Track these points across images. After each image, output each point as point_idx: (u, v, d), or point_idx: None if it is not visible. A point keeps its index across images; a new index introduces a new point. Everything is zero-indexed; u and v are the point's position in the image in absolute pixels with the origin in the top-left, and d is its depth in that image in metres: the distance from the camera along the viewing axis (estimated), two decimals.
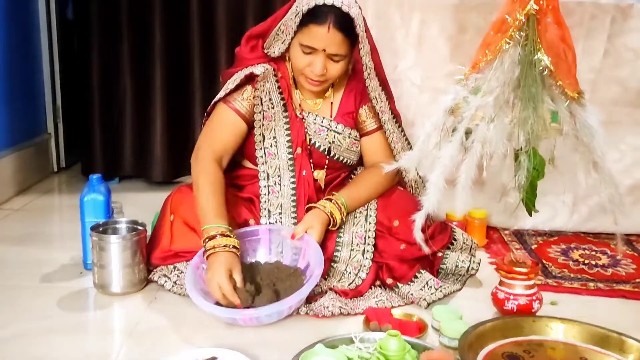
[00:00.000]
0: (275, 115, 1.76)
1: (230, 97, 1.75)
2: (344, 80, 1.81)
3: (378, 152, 1.83)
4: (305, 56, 1.65)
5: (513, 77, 1.29)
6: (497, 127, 1.27)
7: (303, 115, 1.78)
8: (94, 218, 1.73)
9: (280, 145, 1.76)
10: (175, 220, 1.70)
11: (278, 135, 1.76)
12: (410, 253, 1.72)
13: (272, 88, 1.76)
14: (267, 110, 1.76)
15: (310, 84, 1.70)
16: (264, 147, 1.76)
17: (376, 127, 1.82)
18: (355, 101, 1.81)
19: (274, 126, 1.76)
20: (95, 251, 1.63)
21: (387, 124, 1.79)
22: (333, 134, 1.79)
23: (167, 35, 2.65)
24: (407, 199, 1.80)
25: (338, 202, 1.70)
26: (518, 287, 1.52)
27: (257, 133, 1.76)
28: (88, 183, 1.76)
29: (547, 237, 2.19)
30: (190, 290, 1.47)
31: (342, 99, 1.81)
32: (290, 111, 1.77)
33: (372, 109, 1.81)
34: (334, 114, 1.80)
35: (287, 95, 1.77)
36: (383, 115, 1.78)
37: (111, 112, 2.75)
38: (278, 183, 1.75)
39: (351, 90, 1.81)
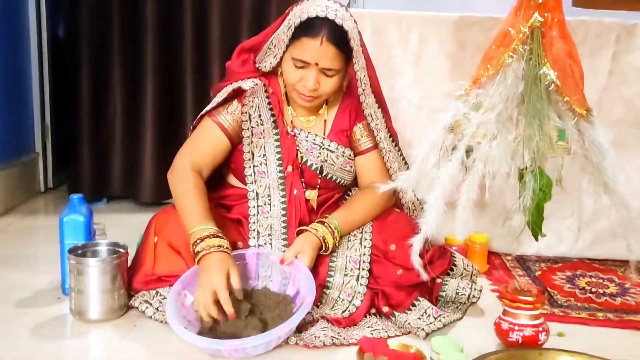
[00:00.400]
0: (265, 132, 1.68)
1: (215, 111, 1.69)
2: (339, 97, 1.74)
3: (373, 172, 1.75)
4: (298, 70, 1.58)
5: (517, 92, 1.21)
6: (500, 145, 1.18)
7: (295, 132, 1.71)
8: (73, 240, 1.64)
9: (270, 163, 1.68)
10: (159, 242, 1.61)
11: (268, 153, 1.68)
12: (408, 279, 1.63)
13: (262, 104, 1.68)
14: (256, 127, 1.68)
15: (303, 100, 1.62)
16: (253, 165, 1.68)
17: (371, 146, 1.74)
18: (350, 119, 1.74)
19: (263, 143, 1.68)
20: (72, 275, 1.53)
21: (382, 143, 1.72)
22: (326, 152, 1.71)
23: (159, 53, 2.60)
24: (404, 221, 1.71)
25: (331, 226, 1.61)
26: (523, 317, 1.42)
27: (246, 150, 1.68)
28: (69, 203, 1.68)
29: (552, 264, 2.09)
30: (171, 318, 1.37)
31: (336, 116, 1.74)
32: (281, 127, 1.69)
33: (367, 127, 1.73)
34: (327, 131, 1.73)
35: (277, 111, 1.70)
36: (379, 133, 1.71)
37: (101, 131, 2.69)
38: (268, 203, 1.67)
39: (346, 108, 1.74)
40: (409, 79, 2.11)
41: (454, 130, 1.31)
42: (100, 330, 1.51)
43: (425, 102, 2.11)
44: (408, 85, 2.11)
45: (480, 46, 2.06)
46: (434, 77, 2.09)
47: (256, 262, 1.60)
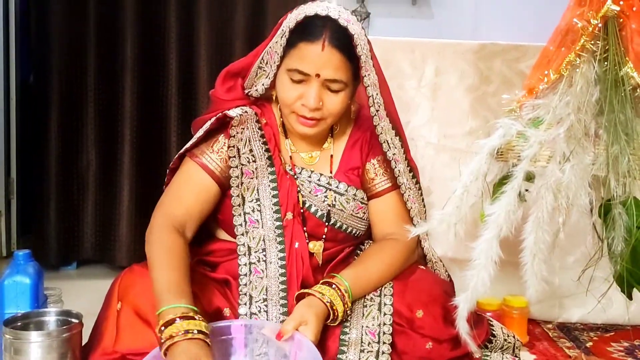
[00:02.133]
0: (257, 170, 1.37)
1: (198, 150, 1.38)
2: (347, 127, 1.45)
3: (392, 218, 1.43)
4: (295, 86, 1.30)
5: (591, 100, 0.93)
6: (575, 169, 0.88)
7: (295, 171, 1.40)
8: (16, 309, 1.29)
9: (265, 210, 1.36)
10: (123, 309, 1.26)
11: (262, 197, 1.36)
12: (439, 354, 1.30)
13: (254, 136, 1.38)
14: (247, 165, 1.37)
15: (303, 124, 1.32)
16: (243, 212, 1.36)
17: (389, 186, 1.43)
18: (362, 154, 1.44)
19: (256, 185, 1.37)
20: (8, 355, 1.18)
21: (402, 177, 1.40)
22: (333, 195, 1.40)
23: (138, 98, 2.33)
24: (431, 280, 1.40)
25: (340, 288, 1.28)
26: None
27: (235, 194, 1.36)
28: (12, 262, 1.34)
29: (602, 332, 1.76)
30: None
31: (344, 152, 1.44)
32: (278, 166, 1.38)
33: (382, 164, 1.43)
34: (334, 169, 1.42)
35: (273, 146, 1.40)
36: (397, 165, 1.39)
37: (71, 186, 2.38)
38: (263, 259, 1.33)
39: (357, 141, 1.44)
40: (425, 116, 1.84)
41: (503, 155, 1.02)
42: None
43: (445, 142, 1.83)
44: (424, 123, 1.84)
45: (506, 79, 1.82)
46: (453, 113, 1.83)
47: (245, 336, 1.24)
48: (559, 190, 0.89)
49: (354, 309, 1.33)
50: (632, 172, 0.86)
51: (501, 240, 0.99)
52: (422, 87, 1.82)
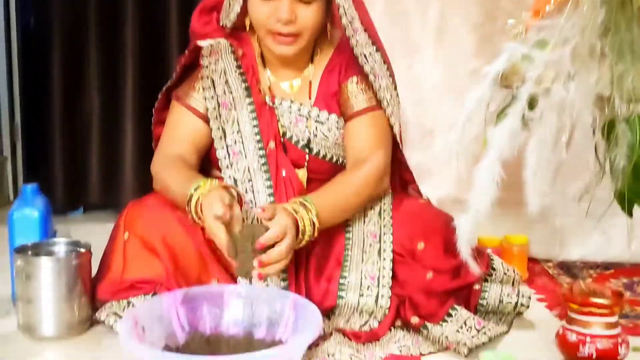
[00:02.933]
0: (235, 101, 1.36)
1: (182, 92, 1.39)
2: (328, 53, 1.42)
3: (364, 142, 1.36)
4: (266, 3, 1.28)
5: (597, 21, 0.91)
6: (580, 88, 0.88)
7: (274, 102, 1.39)
8: (25, 241, 1.32)
9: (247, 141, 1.35)
10: (130, 239, 1.28)
11: (243, 129, 1.35)
12: (440, 284, 1.32)
13: (230, 67, 1.37)
14: (223, 96, 1.36)
15: (281, 43, 1.30)
16: (226, 145, 1.35)
17: (363, 108, 1.37)
18: (339, 76, 1.39)
19: (236, 116, 1.36)
20: (20, 281, 1.22)
21: (384, 92, 1.34)
22: (314, 124, 1.38)
23: (141, 40, 2.32)
24: (433, 213, 1.40)
25: (311, 210, 1.20)
26: (596, 325, 1.11)
27: (214, 127, 1.35)
28: (20, 194, 1.36)
29: (602, 270, 1.78)
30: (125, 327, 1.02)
31: (322, 76, 1.40)
32: (256, 96, 1.37)
33: (359, 85, 1.38)
34: (313, 96, 1.40)
35: (250, 76, 1.38)
36: (378, 80, 1.34)
37: (76, 131, 2.40)
38: (250, 190, 1.33)
39: (334, 66, 1.40)
40: (430, 57, 1.83)
41: (508, 80, 1.01)
42: (55, 352, 1.19)
43: (450, 84, 1.82)
44: (429, 64, 1.83)
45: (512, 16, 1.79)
46: (458, 53, 1.82)
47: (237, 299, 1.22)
48: (562, 110, 0.89)
49: (353, 254, 1.33)
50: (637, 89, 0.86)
51: (503, 180, 1.00)
52: (427, 26, 1.81)
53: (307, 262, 1.32)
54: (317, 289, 1.30)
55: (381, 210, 1.39)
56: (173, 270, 1.26)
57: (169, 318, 1.16)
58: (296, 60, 1.38)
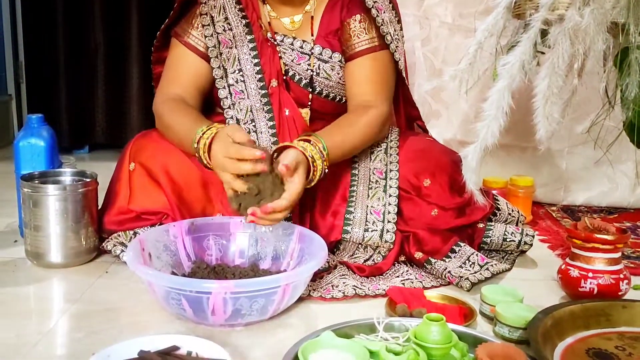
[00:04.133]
0: (235, 39, 1.33)
1: (180, 29, 1.36)
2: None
3: (367, 84, 1.33)
4: None
5: None
6: (595, 13, 0.86)
7: (275, 38, 1.35)
8: (32, 170, 1.32)
9: (249, 79, 1.33)
10: (136, 170, 1.29)
11: (244, 67, 1.33)
12: (444, 221, 1.32)
13: (229, 4, 1.34)
14: (223, 33, 1.33)
15: None
16: (227, 84, 1.33)
17: (366, 48, 1.33)
18: (341, 13, 1.35)
19: (236, 54, 1.33)
20: (27, 208, 1.22)
21: (387, 26, 1.30)
22: (317, 62, 1.35)
23: None
24: (440, 150, 1.40)
25: (318, 145, 1.17)
26: (599, 261, 1.11)
27: (215, 66, 1.33)
28: (25, 124, 1.36)
29: (605, 214, 1.79)
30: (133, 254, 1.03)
31: (324, 13, 1.36)
32: (257, 33, 1.34)
33: (361, 24, 1.34)
34: (315, 33, 1.36)
35: (250, 12, 1.35)
36: (380, 14, 1.30)
37: (80, 71, 2.38)
38: (253, 130, 1.32)
39: (337, 1, 1.36)
40: None
41: (521, 7, 0.99)
42: (62, 277, 1.21)
43: (460, 22, 1.78)
44: (439, 1, 1.78)
45: None
46: None
47: (243, 233, 1.23)
48: (576, 36, 0.87)
49: (359, 190, 1.33)
50: None
51: (510, 124, 0.98)
52: None
53: (313, 197, 1.32)
54: (322, 224, 1.31)
55: (387, 147, 1.38)
56: (177, 203, 1.27)
57: (176, 247, 1.17)
58: None
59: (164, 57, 1.41)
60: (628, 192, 1.81)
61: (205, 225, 1.22)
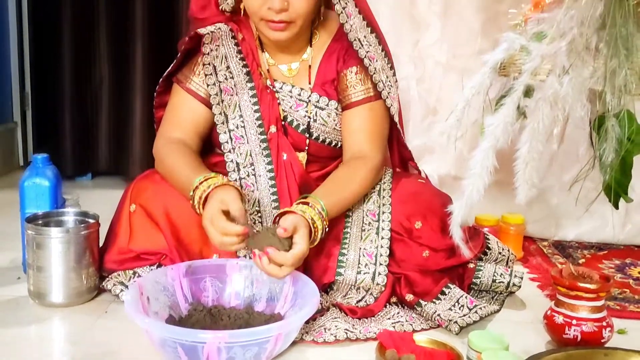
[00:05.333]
0: (237, 86, 1.39)
1: (182, 76, 1.42)
2: (327, 38, 1.43)
3: (362, 134, 1.39)
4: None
5: (594, 14, 0.93)
6: (574, 82, 0.90)
7: (274, 85, 1.41)
8: (35, 209, 1.36)
9: (249, 125, 1.38)
10: (137, 211, 1.34)
11: (244, 113, 1.38)
12: (435, 262, 1.37)
13: (230, 53, 1.40)
14: (225, 81, 1.39)
15: (274, 29, 1.31)
16: (228, 129, 1.38)
17: (362, 98, 1.39)
18: (337, 64, 1.41)
19: (237, 101, 1.38)
20: (31, 249, 1.27)
21: (379, 74, 1.35)
22: (314, 109, 1.40)
23: (150, 9, 2.32)
24: (431, 193, 1.44)
25: (317, 207, 1.23)
26: (583, 308, 1.15)
27: (217, 112, 1.38)
28: (31, 165, 1.40)
29: (595, 251, 1.82)
30: (131, 297, 1.08)
31: (321, 62, 1.42)
32: (257, 81, 1.39)
33: (358, 75, 1.39)
34: (312, 81, 1.42)
35: (251, 61, 1.40)
36: (373, 63, 1.34)
37: (85, 101, 2.44)
38: (252, 173, 1.37)
39: (333, 52, 1.42)
40: (436, 34, 1.83)
41: (506, 69, 1.04)
42: (64, 317, 1.25)
43: (454, 62, 1.83)
44: (434, 42, 1.83)
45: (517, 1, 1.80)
46: (464, 32, 1.82)
47: (239, 274, 1.27)
48: (556, 103, 0.91)
49: (352, 232, 1.36)
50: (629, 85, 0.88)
51: (501, 161, 1.03)
52: (434, 4, 1.80)
53: None
54: (316, 265, 1.35)
55: (380, 189, 1.43)
56: (175, 244, 1.31)
57: (173, 289, 1.21)
58: (293, 44, 1.39)
59: (166, 102, 1.46)
60: (618, 228, 1.85)
61: (202, 268, 1.26)
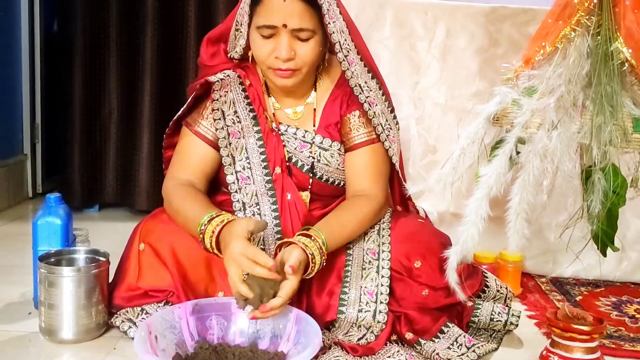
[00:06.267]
0: (243, 130, 1.45)
1: (191, 119, 1.48)
2: (331, 83, 1.50)
3: (364, 174, 1.46)
4: (266, 41, 1.36)
5: (581, 73, 1.00)
6: (562, 136, 0.96)
7: (280, 129, 1.47)
8: (48, 247, 1.41)
9: (255, 167, 1.44)
10: (145, 250, 1.38)
11: (251, 155, 1.44)
12: (435, 301, 1.40)
13: (238, 98, 1.46)
14: (233, 125, 1.45)
15: (281, 76, 1.38)
16: (235, 170, 1.44)
17: (364, 140, 1.46)
18: (341, 108, 1.48)
19: (244, 144, 1.45)
20: (43, 287, 1.31)
21: (379, 118, 1.42)
22: (318, 150, 1.47)
23: (159, 50, 2.40)
24: (430, 233, 1.48)
25: (318, 241, 1.28)
26: (577, 349, 1.19)
27: (224, 154, 1.45)
28: (44, 204, 1.46)
29: (592, 288, 1.85)
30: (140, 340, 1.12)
31: (325, 106, 1.48)
32: (263, 124, 1.46)
33: (360, 119, 1.46)
34: (317, 123, 1.48)
35: (257, 105, 1.47)
36: (373, 107, 1.42)
37: (94, 132, 2.49)
38: (257, 213, 1.42)
39: (337, 97, 1.49)
40: (435, 77, 1.89)
41: (499, 121, 1.09)
42: (74, 353, 1.29)
43: (452, 103, 1.89)
44: (433, 84, 1.90)
45: (514, 42, 1.87)
46: (462, 74, 1.88)
47: (243, 313, 1.29)
48: (545, 156, 0.97)
49: (353, 271, 1.40)
50: (614, 140, 0.93)
51: (497, 200, 1.08)
52: (433, 48, 1.87)
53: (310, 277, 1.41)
54: (318, 303, 1.39)
55: (380, 228, 1.47)
56: (182, 283, 1.36)
57: (180, 327, 1.25)
58: (298, 89, 1.46)
59: (174, 143, 1.52)
60: (614, 265, 1.88)
61: (208, 306, 1.30)
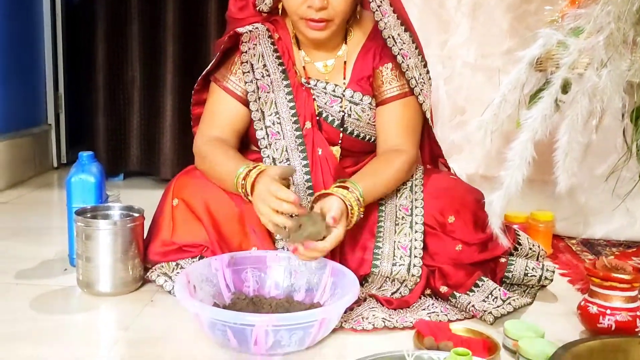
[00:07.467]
0: (273, 84, 1.43)
1: (220, 75, 1.46)
2: (362, 36, 1.47)
3: (397, 128, 1.43)
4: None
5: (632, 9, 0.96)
6: (612, 75, 0.93)
7: (310, 83, 1.45)
8: (82, 204, 1.42)
9: (285, 122, 1.42)
10: (179, 205, 1.38)
11: (280, 110, 1.43)
12: (468, 256, 1.39)
13: (267, 52, 1.44)
14: (262, 79, 1.43)
15: (313, 28, 1.35)
16: (264, 125, 1.43)
17: (396, 94, 1.43)
18: (373, 61, 1.45)
19: (274, 98, 1.43)
20: (80, 240, 1.32)
21: (412, 71, 1.39)
22: (349, 104, 1.44)
23: (181, 13, 2.39)
24: (464, 189, 1.47)
25: (355, 193, 1.28)
26: (617, 299, 1.17)
27: (254, 109, 1.43)
28: (77, 162, 1.46)
29: (624, 248, 1.83)
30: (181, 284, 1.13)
31: (357, 59, 1.46)
32: (293, 78, 1.44)
33: (392, 72, 1.44)
34: (347, 77, 1.46)
35: (287, 59, 1.45)
36: (406, 60, 1.39)
37: (117, 102, 2.49)
38: None
39: (369, 49, 1.46)
40: (464, 35, 1.86)
41: (543, 64, 1.07)
42: (111, 305, 1.30)
43: (482, 62, 1.86)
44: (462, 42, 1.87)
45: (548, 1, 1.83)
46: (492, 33, 1.85)
47: (278, 265, 1.32)
48: (594, 95, 0.95)
49: (386, 226, 1.40)
50: None
51: (532, 159, 1.07)
52: (462, 5, 1.84)
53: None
54: (352, 258, 1.38)
55: (412, 185, 1.46)
56: (216, 238, 1.36)
57: (217, 279, 1.26)
58: (329, 42, 1.43)
59: (203, 99, 1.51)
60: None
61: (243, 259, 1.31)
